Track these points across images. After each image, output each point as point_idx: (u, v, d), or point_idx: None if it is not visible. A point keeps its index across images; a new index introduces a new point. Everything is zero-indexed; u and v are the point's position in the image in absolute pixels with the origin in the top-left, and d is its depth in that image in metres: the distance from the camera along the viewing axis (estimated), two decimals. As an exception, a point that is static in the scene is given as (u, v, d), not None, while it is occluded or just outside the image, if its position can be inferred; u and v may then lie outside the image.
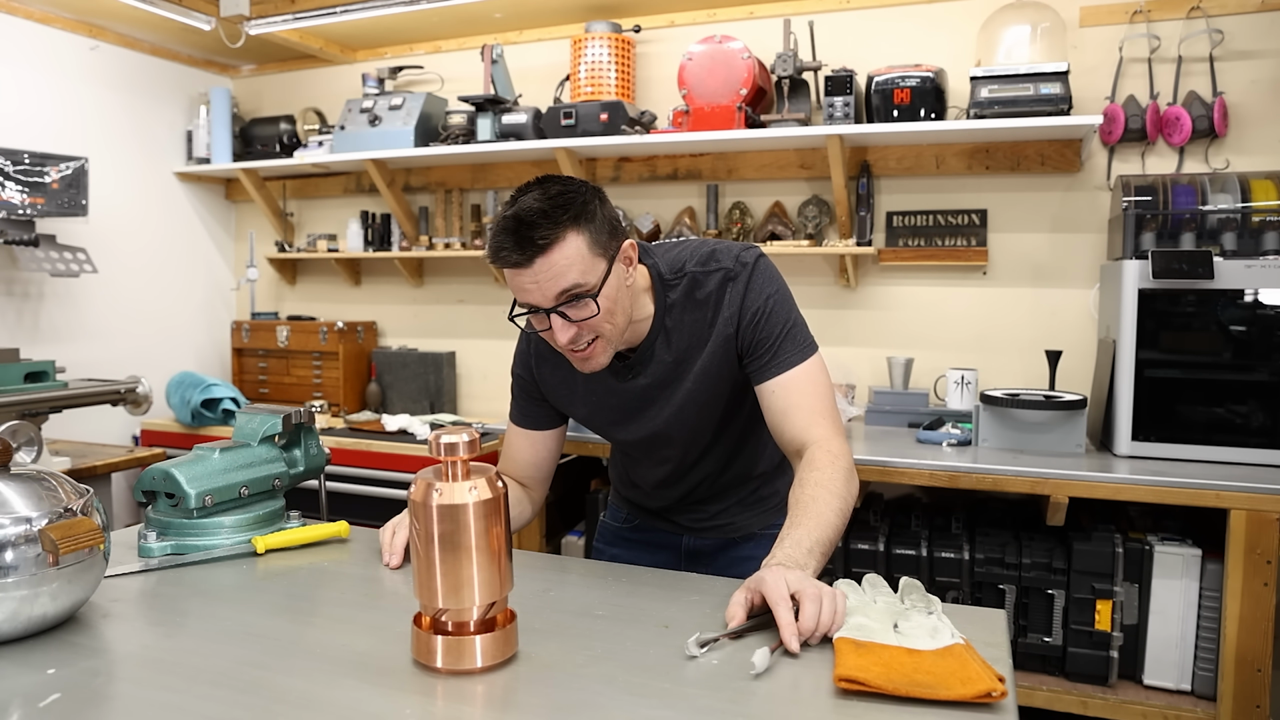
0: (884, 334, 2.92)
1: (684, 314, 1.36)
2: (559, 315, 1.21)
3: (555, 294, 1.19)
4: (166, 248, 3.61)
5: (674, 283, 1.36)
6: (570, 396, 1.46)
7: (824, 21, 2.85)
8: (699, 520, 1.55)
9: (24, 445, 2.10)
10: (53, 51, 3.15)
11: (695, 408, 1.39)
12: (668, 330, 1.37)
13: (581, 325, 1.23)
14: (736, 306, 1.33)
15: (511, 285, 1.22)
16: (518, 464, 1.52)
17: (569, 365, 1.42)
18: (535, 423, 1.50)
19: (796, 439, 1.31)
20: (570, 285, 1.19)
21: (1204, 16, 2.51)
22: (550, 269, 1.18)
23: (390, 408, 3.45)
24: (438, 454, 0.93)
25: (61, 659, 0.94)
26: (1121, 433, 2.23)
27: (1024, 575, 2.23)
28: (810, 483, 1.22)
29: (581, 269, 1.19)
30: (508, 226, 1.18)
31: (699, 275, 1.36)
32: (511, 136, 3.04)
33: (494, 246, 1.20)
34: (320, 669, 0.93)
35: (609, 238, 1.24)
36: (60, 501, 1.01)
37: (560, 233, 1.17)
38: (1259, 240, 2.22)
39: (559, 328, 1.22)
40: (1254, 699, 1.96)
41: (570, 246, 1.18)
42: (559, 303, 1.20)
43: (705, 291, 1.35)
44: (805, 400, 1.32)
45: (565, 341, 1.24)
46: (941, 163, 2.80)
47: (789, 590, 1.02)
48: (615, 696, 0.87)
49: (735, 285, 1.34)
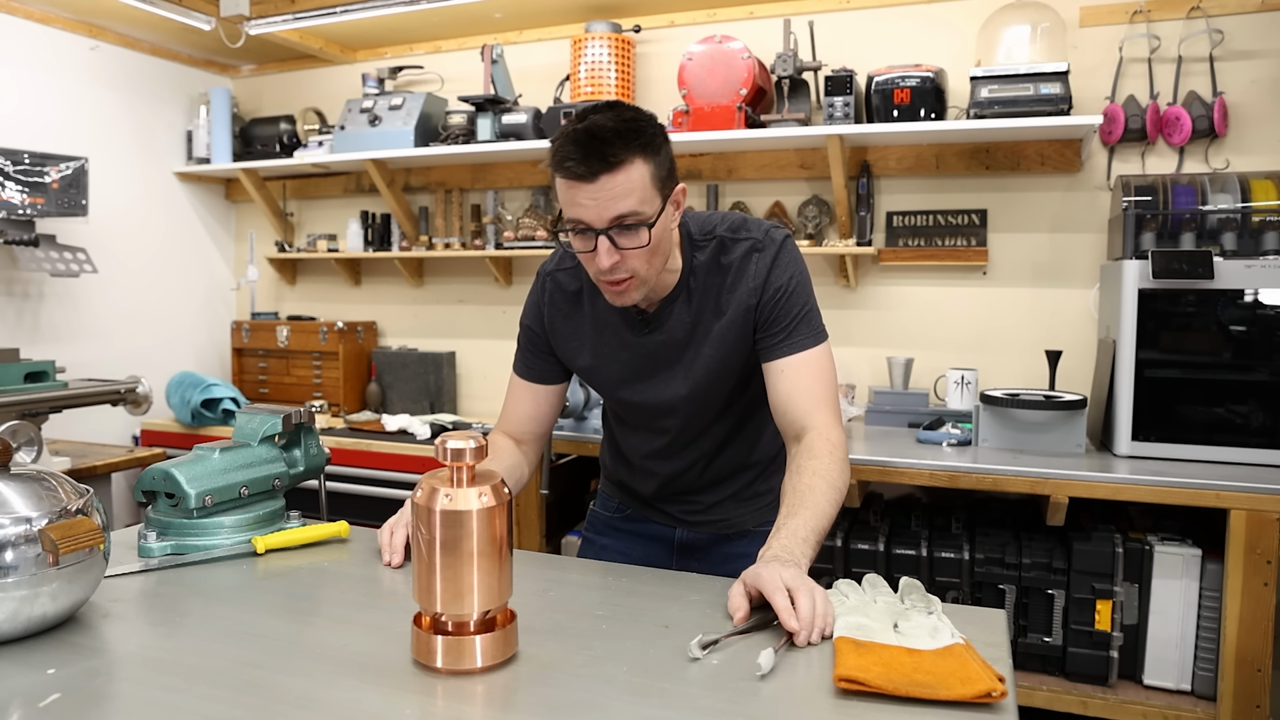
0: (884, 334, 2.92)
1: (708, 277, 1.36)
2: (607, 239, 1.20)
3: (611, 216, 1.19)
4: (166, 248, 3.61)
5: (702, 244, 1.37)
6: (578, 347, 1.44)
7: (824, 21, 2.85)
8: (691, 512, 1.53)
9: (24, 445, 2.10)
10: (53, 51, 3.15)
11: (706, 374, 1.38)
12: (690, 290, 1.37)
13: (625, 254, 1.22)
14: (761, 279, 1.33)
15: (564, 198, 1.21)
16: (518, 417, 1.51)
17: (582, 314, 1.42)
18: (539, 376, 1.49)
19: (797, 422, 1.31)
20: (627, 211, 1.19)
21: (1204, 16, 2.51)
22: (612, 189, 1.17)
23: (390, 408, 3.45)
24: (444, 459, 0.93)
25: (61, 659, 0.94)
26: (1121, 433, 2.23)
27: (1024, 575, 2.23)
28: (808, 471, 1.23)
29: (640, 197, 1.19)
30: (577, 139, 1.17)
31: (727, 240, 1.36)
32: (511, 136, 3.04)
33: (559, 156, 1.18)
34: (320, 669, 0.93)
35: (668, 176, 1.24)
36: (60, 501, 1.01)
37: (630, 156, 1.17)
38: (1259, 240, 2.22)
39: (604, 251, 1.21)
40: (1254, 699, 1.96)
41: (635, 173, 1.18)
42: (611, 226, 1.20)
43: (731, 258, 1.35)
44: (811, 385, 1.32)
45: (606, 266, 1.22)
46: (941, 163, 2.80)
47: (784, 585, 1.03)
48: (615, 696, 0.87)
49: (762, 257, 1.34)
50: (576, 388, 2.54)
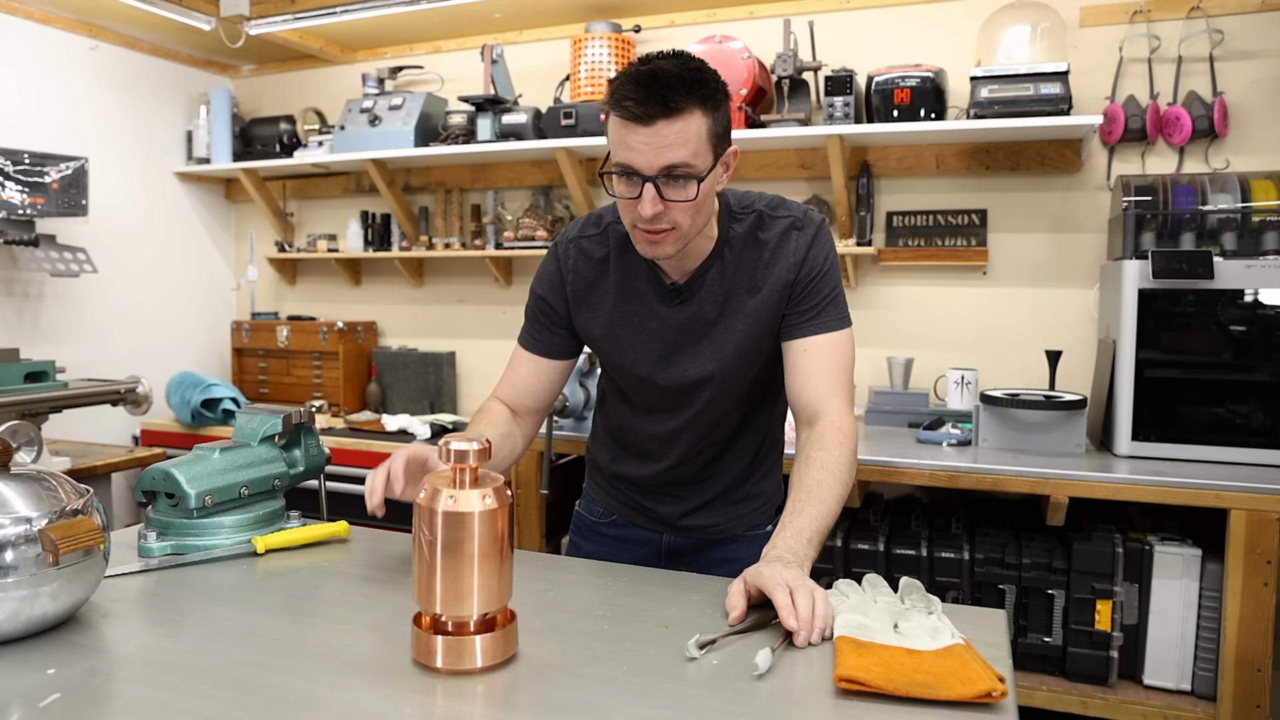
0: (884, 334, 2.92)
1: (743, 251, 1.34)
2: (654, 186, 1.17)
3: (662, 164, 1.16)
4: (166, 248, 3.61)
5: (740, 216, 1.35)
6: (600, 316, 1.40)
7: (824, 21, 2.85)
8: (680, 512, 1.49)
9: (24, 445, 2.10)
10: (53, 51, 3.15)
11: (736, 351, 1.35)
12: (724, 262, 1.34)
13: (670, 206, 1.19)
14: (800, 255, 1.32)
15: (615, 140, 1.18)
16: (517, 388, 1.47)
17: (607, 282, 1.38)
18: (545, 349, 1.45)
19: (812, 404, 1.29)
20: (680, 161, 1.16)
21: (1204, 16, 2.51)
22: (668, 136, 1.15)
23: (390, 408, 3.45)
24: (447, 460, 0.92)
25: (61, 659, 0.94)
26: (1121, 433, 2.23)
27: (1024, 575, 2.23)
28: (817, 464, 1.22)
29: (694, 150, 1.17)
30: (640, 79, 1.14)
31: (766, 216, 1.35)
32: (511, 136, 3.04)
33: (618, 94, 1.15)
34: (320, 669, 0.93)
35: (723, 135, 1.22)
36: (60, 501, 1.01)
37: (690, 105, 1.15)
38: (1259, 240, 2.22)
39: (649, 199, 1.18)
40: (1254, 699, 1.96)
41: (694, 124, 1.16)
42: (660, 174, 1.17)
43: (769, 234, 1.33)
44: (831, 368, 1.31)
45: (649, 214, 1.19)
46: (941, 163, 2.80)
47: (785, 584, 1.03)
48: (615, 696, 0.87)
49: (801, 235, 1.33)
50: (577, 388, 2.54)
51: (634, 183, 1.19)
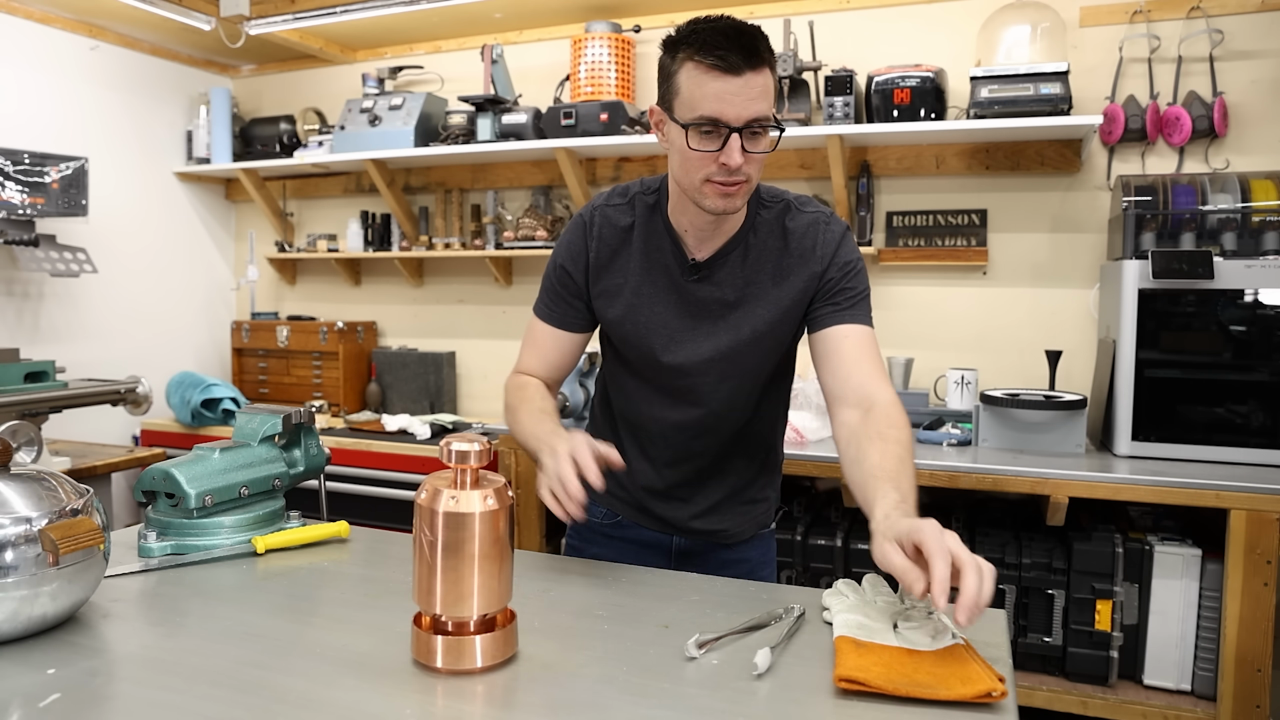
0: (884, 334, 2.89)
1: (769, 238, 1.34)
2: (739, 137, 1.18)
3: (749, 116, 1.18)
4: (167, 248, 3.61)
5: (769, 204, 1.36)
6: (621, 284, 1.38)
7: (824, 21, 2.85)
8: (689, 514, 1.45)
9: (24, 445, 2.10)
10: (53, 51, 3.15)
11: (752, 335, 1.34)
12: (748, 246, 1.34)
13: (749, 158, 1.20)
14: (831, 250, 1.32)
15: (699, 92, 1.18)
16: (544, 361, 1.46)
17: (630, 251, 1.38)
18: (563, 321, 1.44)
19: (863, 387, 1.26)
20: (763, 114, 1.19)
21: (1204, 16, 2.51)
22: (754, 88, 1.17)
23: (390, 408, 3.45)
24: (449, 461, 0.92)
25: (61, 659, 0.94)
26: (1121, 433, 2.23)
27: (1024, 575, 2.23)
28: (894, 440, 1.16)
29: (771, 103, 1.20)
30: (726, 31, 1.17)
31: (795, 207, 1.36)
32: (511, 136, 3.04)
33: (707, 44, 1.16)
34: (320, 669, 0.93)
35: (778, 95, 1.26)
36: (60, 501, 1.01)
37: (769, 59, 1.19)
38: (1259, 240, 2.22)
39: (737, 150, 1.18)
40: (1254, 699, 1.96)
41: (770, 79, 1.20)
42: (748, 124, 1.18)
43: (798, 224, 1.34)
44: (875, 357, 1.31)
45: (736, 164, 1.19)
46: (941, 163, 2.80)
47: (949, 550, 0.90)
48: (615, 696, 0.87)
49: (830, 231, 1.34)
50: (577, 387, 2.54)
51: (715, 135, 1.19)
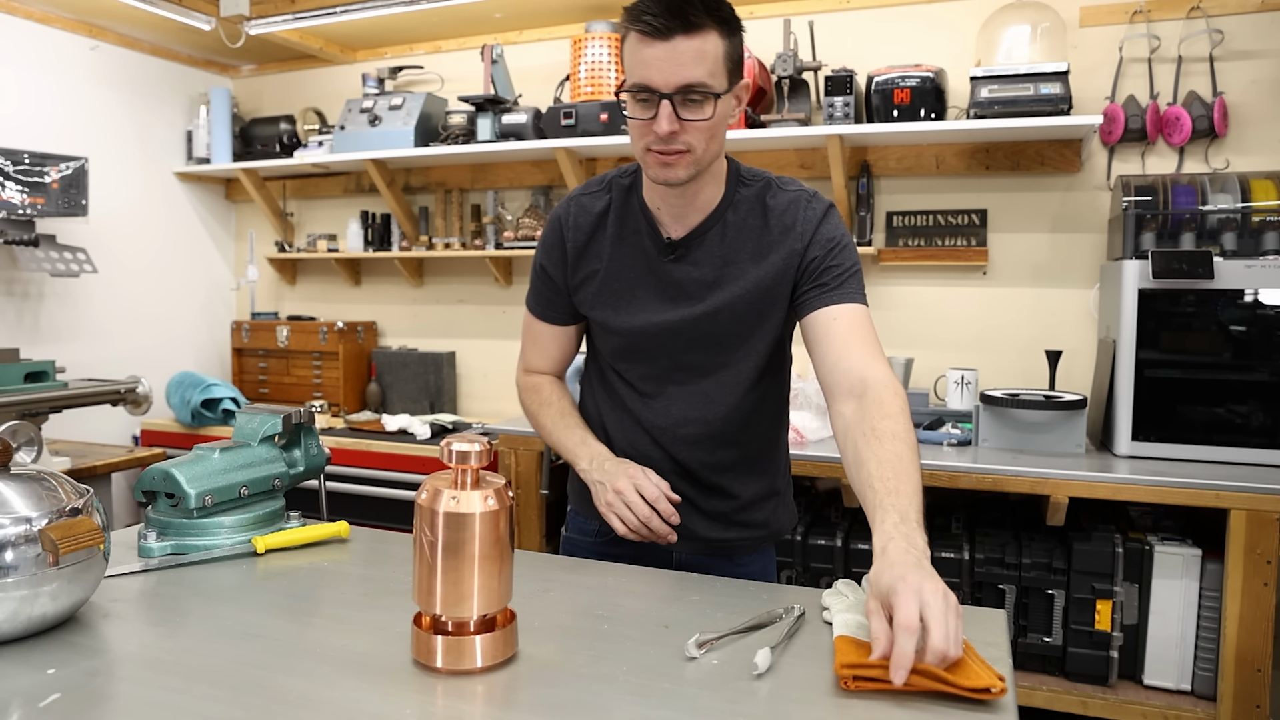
0: (884, 334, 2.88)
1: (749, 216, 1.32)
2: (670, 105, 1.17)
3: (680, 81, 1.16)
4: (167, 248, 3.61)
5: (749, 182, 1.34)
6: (593, 264, 1.36)
7: (824, 21, 2.85)
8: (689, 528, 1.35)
9: (24, 445, 2.10)
10: (53, 51, 3.15)
11: (732, 317, 1.31)
12: (726, 224, 1.32)
13: (686, 126, 1.18)
14: (811, 227, 1.30)
15: (632, 59, 1.18)
16: (545, 355, 1.47)
17: (605, 234, 1.36)
18: (552, 316, 1.44)
19: (855, 370, 1.21)
20: (696, 80, 1.16)
21: (1204, 16, 2.51)
22: (686, 52, 1.15)
23: (390, 408, 3.45)
24: (449, 461, 0.92)
25: (61, 659, 0.94)
26: (1121, 433, 2.23)
27: (1024, 575, 2.23)
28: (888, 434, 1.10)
29: (711, 69, 1.17)
30: None
31: (776, 184, 1.34)
32: (511, 136, 3.04)
33: (636, 10, 1.16)
34: (320, 669, 0.93)
35: (737, 64, 1.22)
36: (60, 501, 1.01)
37: (709, 25, 1.16)
38: (1259, 240, 2.22)
39: (665, 116, 1.17)
40: (1254, 699, 1.96)
41: (711, 43, 1.16)
42: (678, 91, 1.16)
43: (778, 202, 1.32)
44: (868, 336, 1.26)
45: (664, 132, 1.17)
46: (941, 163, 2.80)
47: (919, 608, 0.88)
48: (615, 696, 0.87)
49: (812, 209, 1.32)
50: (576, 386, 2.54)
51: (650, 103, 1.18)
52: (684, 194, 1.29)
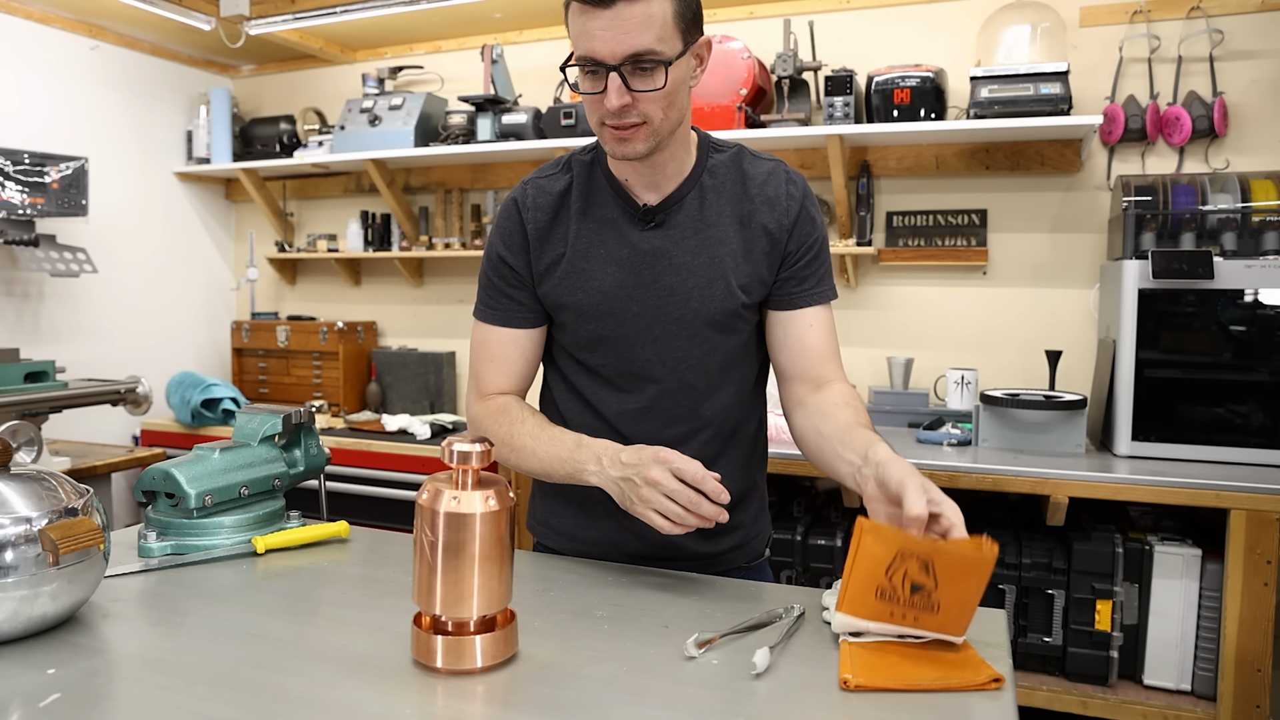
0: (884, 334, 2.92)
1: (726, 180, 1.27)
2: (619, 76, 1.10)
3: (625, 51, 1.09)
4: (166, 248, 3.61)
5: (722, 148, 1.30)
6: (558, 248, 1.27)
7: (824, 21, 2.85)
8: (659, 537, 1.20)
9: (24, 445, 2.10)
10: (53, 51, 3.15)
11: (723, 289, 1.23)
12: (704, 188, 1.26)
13: (638, 97, 1.12)
14: (795, 209, 1.26)
15: (575, 31, 1.11)
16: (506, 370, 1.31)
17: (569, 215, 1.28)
18: (510, 319, 1.30)
19: (814, 369, 1.28)
20: (644, 49, 1.09)
21: (1204, 16, 2.51)
22: (630, 20, 1.08)
23: (390, 408, 3.45)
24: (450, 461, 0.92)
25: (61, 659, 0.94)
26: (1121, 433, 2.23)
27: (1024, 575, 2.23)
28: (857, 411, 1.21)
29: (660, 34, 1.09)
30: None
31: (751, 155, 1.30)
32: (511, 136, 3.04)
33: None
34: (320, 669, 0.93)
35: (693, 22, 1.16)
36: (60, 501, 1.01)
37: None
38: (1259, 240, 2.22)
39: (614, 90, 1.10)
40: (1254, 699, 1.96)
41: (656, 6, 1.09)
42: (625, 62, 1.10)
43: (757, 170, 1.27)
44: (832, 339, 1.30)
45: (615, 107, 1.11)
46: (941, 163, 2.80)
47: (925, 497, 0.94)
48: (615, 696, 0.87)
49: (794, 187, 1.28)
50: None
51: (598, 76, 1.12)
52: (651, 164, 1.23)
